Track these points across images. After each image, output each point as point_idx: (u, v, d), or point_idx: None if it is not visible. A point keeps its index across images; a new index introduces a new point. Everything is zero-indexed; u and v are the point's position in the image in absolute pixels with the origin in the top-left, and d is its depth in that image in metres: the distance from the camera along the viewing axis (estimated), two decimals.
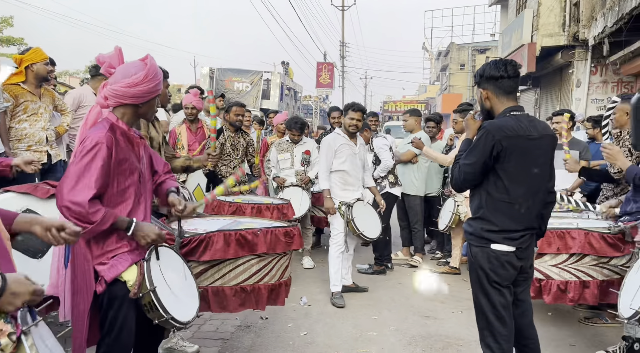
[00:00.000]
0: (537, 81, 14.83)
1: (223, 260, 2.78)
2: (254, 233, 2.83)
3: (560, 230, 3.18)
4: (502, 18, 19.54)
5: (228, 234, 2.77)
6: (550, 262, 3.10)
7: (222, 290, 2.80)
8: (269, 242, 2.88)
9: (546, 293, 3.21)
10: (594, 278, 3.24)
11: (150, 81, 2.12)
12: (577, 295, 3.19)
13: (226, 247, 2.74)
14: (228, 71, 23.27)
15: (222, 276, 2.81)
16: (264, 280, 2.93)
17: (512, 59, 2.56)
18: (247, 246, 2.82)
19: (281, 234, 2.95)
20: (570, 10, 11.95)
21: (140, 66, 2.14)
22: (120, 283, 2.07)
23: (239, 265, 2.84)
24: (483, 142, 2.31)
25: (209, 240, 2.71)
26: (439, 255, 6.03)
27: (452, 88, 32.31)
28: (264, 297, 2.92)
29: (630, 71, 10.54)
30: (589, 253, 3.12)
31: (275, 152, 5.80)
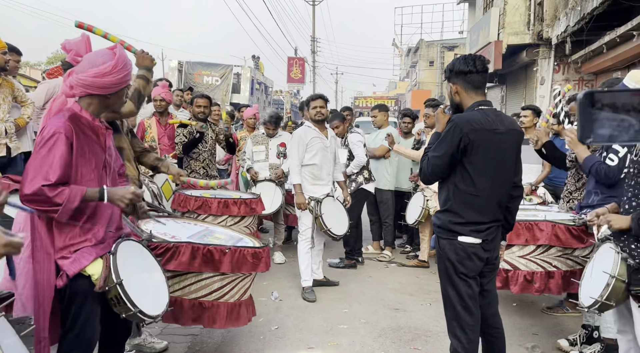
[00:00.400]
0: (504, 78, 15.18)
1: (186, 272, 2.74)
2: (221, 251, 2.77)
3: (528, 221, 3.26)
4: (469, 16, 19.90)
5: (196, 247, 2.72)
6: (518, 252, 3.18)
7: (180, 301, 2.75)
8: (235, 262, 2.81)
9: (513, 283, 3.29)
10: (559, 268, 3.35)
11: (119, 72, 2.06)
12: (543, 285, 3.29)
13: (192, 260, 2.69)
14: (197, 65, 22.88)
15: (182, 287, 2.78)
16: (224, 298, 2.86)
17: (480, 54, 2.61)
18: (211, 263, 2.75)
19: (249, 255, 2.86)
20: (534, 10, 12.28)
21: (109, 56, 2.08)
22: (84, 277, 2.01)
23: (201, 280, 2.80)
24: (451, 135, 2.35)
25: (176, 249, 2.66)
26: (409, 249, 6.13)
27: (422, 85, 32.75)
28: (222, 316, 2.84)
29: (591, 70, 10.91)
30: (555, 244, 3.21)
31: (250, 145, 5.76)
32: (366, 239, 6.20)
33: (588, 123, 0.70)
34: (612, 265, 2.36)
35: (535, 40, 12.06)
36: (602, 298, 2.36)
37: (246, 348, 3.33)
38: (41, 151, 1.93)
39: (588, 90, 0.71)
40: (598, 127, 0.70)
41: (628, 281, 2.32)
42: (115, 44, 2.18)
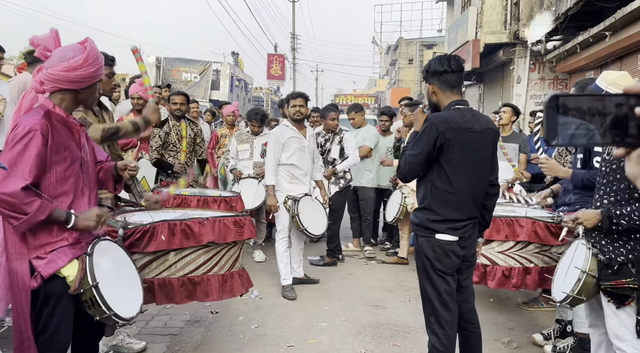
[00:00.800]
0: (481, 77, 15.40)
1: (168, 251, 2.72)
2: (200, 223, 2.75)
3: (509, 217, 3.30)
4: (448, 14, 20.09)
5: (173, 224, 2.70)
6: (497, 248, 3.22)
7: (169, 281, 2.74)
8: (218, 231, 2.81)
9: (491, 278, 3.32)
10: (536, 264, 3.42)
11: (90, 65, 2.02)
12: (520, 281, 3.33)
13: (171, 237, 2.68)
14: (176, 61, 22.63)
15: (167, 267, 2.75)
16: (213, 270, 2.86)
17: (456, 54, 2.65)
18: (192, 237, 2.75)
19: (230, 223, 2.87)
20: (511, 9, 12.48)
21: (79, 49, 2.04)
22: (59, 279, 1.97)
23: (185, 256, 2.78)
24: (427, 134, 2.38)
25: (153, 230, 2.64)
26: (388, 245, 6.18)
27: (401, 82, 32.95)
28: (214, 288, 2.85)
29: (565, 69, 11.15)
30: (534, 241, 3.25)
31: (235, 143, 5.71)
32: (347, 237, 6.24)
33: (553, 125, 0.73)
34: (583, 261, 2.42)
35: (511, 39, 12.26)
36: (574, 293, 2.42)
37: (226, 347, 3.32)
38: (15, 148, 1.88)
39: (553, 94, 0.74)
40: (562, 130, 0.72)
41: (598, 276, 2.39)
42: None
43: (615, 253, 2.35)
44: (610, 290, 2.36)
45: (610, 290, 2.36)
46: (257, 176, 5.47)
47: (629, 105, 0.72)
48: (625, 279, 2.31)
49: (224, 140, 6.42)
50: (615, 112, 0.72)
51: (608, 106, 0.72)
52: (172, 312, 3.83)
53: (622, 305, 2.33)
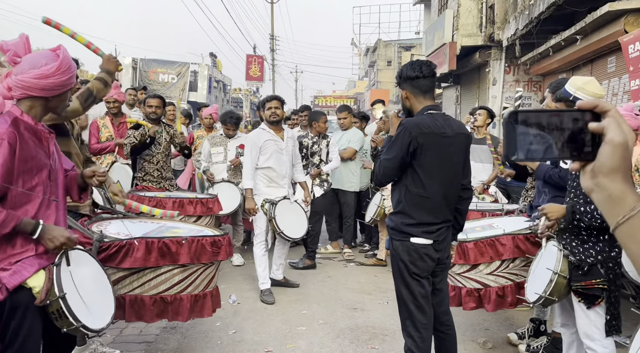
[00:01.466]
0: (458, 79, 15.60)
1: (143, 268, 2.65)
2: (178, 243, 2.70)
3: (489, 238, 3.23)
4: (425, 17, 20.31)
5: (150, 242, 2.64)
6: (486, 270, 3.19)
7: (141, 299, 2.68)
8: (193, 252, 2.75)
9: (487, 301, 3.25)
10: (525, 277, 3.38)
11: (63, 74, 1.98)
12: (515, 297, 3.25)
13: (147, 255, 2.62)
14: (152, 62, 22.30)
15: (141, 284, 2.69)
16: (187, 290, 2.81)
17: (430, 59, 2.68)
18: (169, 255, 2.69)
19: (208, 244, 2.81)
20: (486, 13, 12.68)
21: (52, 57, 1.99)
22: (25, 290, 1.92)
23: (160, 274, 2.72)
24: (401, 138, 2.41)
25: (129, 246, 2.58)
26: (367, 247, 6.20)
27: (380, 84, 33.17)
28: (185, 308, 2.79)
29: (539, 71, 11.38)
30: (519, 256, 3.21)
31: (208, 146, 5.65)
32: (324, 239, 6.23)
33: (512, 141, 0.74)
34: (554, 262, 2.47)
35: (487, 42, 12.46)
36: (546, 294, 2.47)
37: None
38: None
39: (513, 110, 0.75)
40: (521, 144, 0.74)
41: (569, 277, 2.44)
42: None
43: (585, 255, 2.41)
44: (581, 290, 2.42)
45: (581, 291, 2.42)
46: (233, 180, 5.43)
47: (584, 120, 0.73)
48: (595, 280, 2.38)
49: (199, 142, 6.35)
50: (571, 127, 0.73)
51: (565, 121, 0.73)
52: None
53: (593, 305, 2.39)
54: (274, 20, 30.71)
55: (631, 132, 0.73)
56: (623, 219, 0.71)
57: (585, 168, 0.75)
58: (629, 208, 0.71)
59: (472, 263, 3.14)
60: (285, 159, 4.47)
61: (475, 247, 3.13)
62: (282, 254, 4.68)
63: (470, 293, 3.17)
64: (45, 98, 2.00)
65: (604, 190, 0.73)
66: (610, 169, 0.72)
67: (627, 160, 0.72)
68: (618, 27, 7.65)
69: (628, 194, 0.72)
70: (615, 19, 7.77)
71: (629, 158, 0.72)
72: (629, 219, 0.71)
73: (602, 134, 0.72)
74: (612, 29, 7.83)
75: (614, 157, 0.71)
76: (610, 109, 0.73)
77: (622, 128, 0.71)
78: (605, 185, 0.72)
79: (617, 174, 0.72)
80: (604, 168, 0.72)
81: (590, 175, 0.74)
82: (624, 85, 8.06)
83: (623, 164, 0.72)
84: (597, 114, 0.73)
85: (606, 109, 0.73)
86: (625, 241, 0.72)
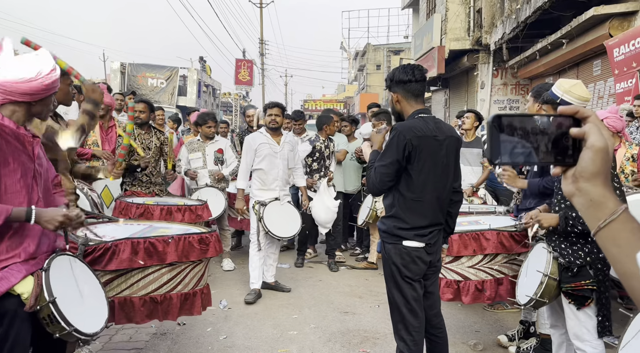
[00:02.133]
0: (447, 82, 15.72)
1: (131, 270, 2.63)
2: (164, 241, 2.68)
3: (474, 232, 3.30)
4: (414, 21, 20.45)
5: (136, 242, 2.61)
6: (467, 263, 3.23)
7: (130, 300, 2.65)
8: (181, 250, 2.74)
9: (464, 294, 3.31)
10: (506, 274, 3.43)
11: (45, 78, 1.96)
12: (493, 292, 3.32)
13: (134, 255, 2.59)
14: (141, 66, 22.19)
15: (129, 286, 2.65)
16: (177, 289, 2.79)
17: (423, 62, 2.69)
18: (156, 255, 2.67)
19: (195, 241, 2.80)
20: (473, 17, 12.81)
21: (33, 61, 1.97)
22: (13, 297, 1.89)
23: (148, 275, 2.69)
24: (396, 142, 2.40)
25: (115, 248, 2.55)
26: (358, 250, 6.20)
27: (370, 88, 33.31)
28: (175, 306, 2.77)
29: (526, 75, 11.51)
30: (501, 252, 3.27)
31: (185, 152, 5.61)
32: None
33: (496, 145, 0.74)
34: (544, 264, 2.49)
35: (474, 46, 12.58)
36: (537, 296, 2.49)
37: None
38: None
39: (496, 114, 0.76)
40: (504, 148, 0.74)
41: (559, 279, 2.46)
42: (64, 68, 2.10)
43: (574, 256, 2.43)
44: (571, 292, 2.44)
45: (571, 292, 2.44)
46: (215, 184, 5.41)
47: (565, 125, 0.75)
48: (585, 281, 2.40)
49: None
50: (553, 132, 0.74)
51: (547, 126, 0.74)
52: (137, 325, 3.73)
53: (582, 306, 2.41)
54: (263, 25, 30.69)
55: (611, 138, 0.74)
56: (604, 223, 0.72)
57: (567, 173, 0.76)
58: (610, 213, 0.72)
59: (454, 255, 3.18)
60: (279, 163, 4.55)
61: (460, 239, 3.16)
62: (272, 254, 4.73)
63: (449, 285, 3.21)
64: (28, 103, 1.97)
65: (585, 194, 0.74)
66: (591, 174, 0.73)
67: (607, 165, 0.73)
68: (603, 31, 7.77)
69: (609, 198, 0.73)
70: (600, 23, 7.89)
71: (609, 163, 0.74)
72: (609, 223, 0.72)
73: (583, 139, 0.74)
74: (597, 32, 7.96)
75: (595, 162, 0.73)
76: (591, 115, 0.74)
77: (603, 133, 0.73)
78: (587, 189, 0.74)
79: (598, 178, 0.73)
80: (585, 172, 0.73)
81: (571, 179, 0.75)
82: (609, 88, 8.18)
83: (603, 169, 0.73)
84: (578, 120, 0.75)
85: (587, 115, 0.74)
86: (606, 245, 0.73)
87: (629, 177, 4.11)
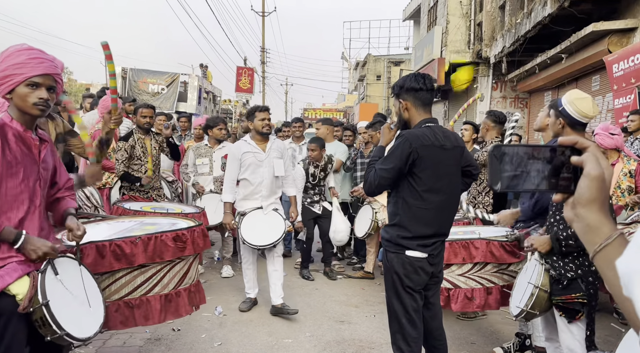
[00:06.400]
0: (446, 94, 15.81)
1: (100, 274, 2.52)
2: (132, 242, 2.56)
3: (464, 240, 3.34)
4: (414, 33, 20.60)
5: (101, 245, 2.50)
6: (457, 271, 3.26)
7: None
8: (152, 251, 2.62)
9: (454, 301, 3.33)
10: (496, 284, 3.45)
11: (4, 61, 1.90)
12: (483, 301, 3.34)
13: (100, 259, 2.50)
14: (142, 72, 22.22)
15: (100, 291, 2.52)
16: (154, 291, 2.66)
17: (427, 73, 2.71)
18: (124, 258, 2.55)
19: (169, 240, 2.67)
20: (474, 30, 12.91)
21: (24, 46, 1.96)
22: (8, 297, 1.89)
23: (119, 278, 2.59)
24: (401, 149, 2.40)
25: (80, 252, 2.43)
26: (355, 260, 6.19)
27: (369, 98, 33.40)
28: (155, 310, 2.65)
29: (525, 88, 11.59)
30: (491, 261, 3.30)
31: (192, 157, 5.61)
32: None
33: (496, 172, 0.78)
34: (535, 276, 2.50)
35: (474, 58, 12.67)
36: (527, 308, 2.50)
37: None
38: None
39: (496, 144, 0.80)
40: (504, 176, 0.78)
41: (550, 291, 2.47)
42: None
43: (565, 269, 2.44)
44: (562, 304, 2.45)
45: (562, 305, 2.45)
46: (220, 190, 5.41)
47: (564, 155, 0.78)
48: (575, 294, 2.41)
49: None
50: (553, 161, 0.78)
51: (547, 155, 0.78)
52: (132, 330, 3.70)
53: (574, 320, 2.41)
54: (265, 33, 30.89)
55: (609, 167, 0.78)
56: (600, 247, 0.76)
57: (568, 200, 0.80)
58: (605, 237, 0.76)
59: (445, 263, 3.18)
60: (264, 171, 4.25)
61: (450, 247, 3.18)
62: (274, 271, 4.29)
63: (440, 292, 3.20)
64: (10, 99, 1.97)
65: (582, 220, 0.78)
66: (587, 200, 0.77)
67: (603, 192, 0.77)
68: (602, 46, 7.84)
69: (604, 224, 0.77)
70: (599, 39, 7.96)
71: (605, 190, 0.77)
72: (605, 247, 0.75)
73: (581, 168, 0.78)
74: (597, 48, 8.02)
75: (591, 189, 0.76)
76: (590, 146, 0.79)
77: (600, 162, 0.77)
78: (584, 215, 0.77)
79: (594, 204, 0.77)
80: (582, 199, 0.77)
81: (570, 206, 0.80)
82: (607, 103, 8.23)
83: (600, 196, 0.77)
84: (577, 150, 0.79)
85: (586, 145, 0.79)
86: (603, 268, 0.76)
87: (625, 193, 4.14)
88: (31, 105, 1.93)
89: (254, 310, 4.37)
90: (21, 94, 1.92)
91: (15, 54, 1.92)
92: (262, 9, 30.18)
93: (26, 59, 1.91)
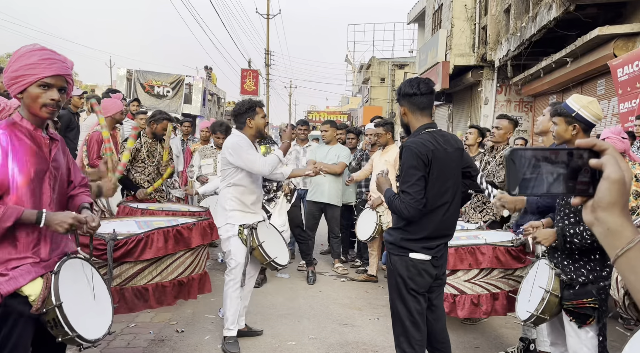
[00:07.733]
0: (450, 97, 15.80)
1: (161, 257, 3.04)
2: (188, 228, 3.16)
3: (470, 246, 3.32)
4: (419, 36, 20.61)
5: (167, 231, 3.05)
6: (463, 277, 3.24)
7: (161, 285, 3.05)
8: (201, 235, 3.26)
9: (460, 308, 3.30)
10: (502, 289, 3.42)
11: (17, 61, 1.91)
12: (489, 307, 3.32)
13: (166, 243, 3.02)
14: (147, 74, 22.32)
15: (160, 272, 3.06)
16: (195, 271, 3.30)
17: (427, 77, 2.72)
18: (182, 241, 3.14)
19: (207, 226, 3.37)
20: (479, 33, 12.91)
21: (35, 46, 1.97)
22: (20, 297, 1.89)
23: (176, 259, 3.16)
24: (414, 159, 2.40)
25: (147, 238, 2.93)
26: (359, 263, 6.18)
27: (373, 101, 33.40)
28: (195, 287, 3.28)
29: (530, 92, 11.56)
30: (497, 266, 3.29)
31: (198, 158, 5.68)
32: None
33: (514, 176, 0.78)
34: (546, 281, 2.49)
35: (479, 62, 12.66)
36: (538, 312, 2.48)
37: None
38: None
39: (513, 148, 0.80)
40: (522, 180, 0.78)
41: (561, 296, 2.46)
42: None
43: (576, 274, 2.43)
44: (572, 309, 2.43)
45: (572, 310, 2.43)
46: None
47: (582, 158, 0.77)
48: (587, 299, 2.39)
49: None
50: (571, 164, 0.77)
51: (564, 158, 0.77)
52: (136, 331, 3.72)
53: (584, 325, 2.40)
54: (270, 36, 30.95)
55: (629, 170, 0.77)
56: (621, 251, 0.74)
57: (587, 203, 0.79)
58: (627, 241, 0.74)
59: (450, 269, 3.17)
60: (260, 179, 3.67)
61: (456, 253, 3.17)
62: (248, 294, 3.79)
63: (445, 298, 3.19)
64: (21, 99, 1.98)
65: (603, 223, 0.76)
66: (608, 204, 0.75)
67: (624, 195, 0.76)
68: (607, 51, 7.82)
69: (626, 227, 0.75)
70: (604, 43, 7.94)
71: (626, 193, 0.76)
72: (627, 251, 0.74)
73: (600, 170, 0.76)
74: (602, 52, 8.00)
75: (611, 192, 0.75)
76: (608, 148, 0.77)
77: (620, 165, 0.75)
78: (604, 219, 0.76)
79: (615, 208, 0.75)
80: (603, 202, 0.75)
81: (590, 209, 0.78)
82: (612, 107, 8.20)
83: (620, 199, 0.75)
84: (594, 152, 0.78)
85: (604, 147, 0.77)
86: (625, 272, 0.75)
87: (631, 197, 4.12)
88: (40, 108, 1.93)
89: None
90: (32, 95, 1.92)
91: (27, 55, 1.92)
92: (266, 11, 30.27)
93: (38, 60, 1.91)
